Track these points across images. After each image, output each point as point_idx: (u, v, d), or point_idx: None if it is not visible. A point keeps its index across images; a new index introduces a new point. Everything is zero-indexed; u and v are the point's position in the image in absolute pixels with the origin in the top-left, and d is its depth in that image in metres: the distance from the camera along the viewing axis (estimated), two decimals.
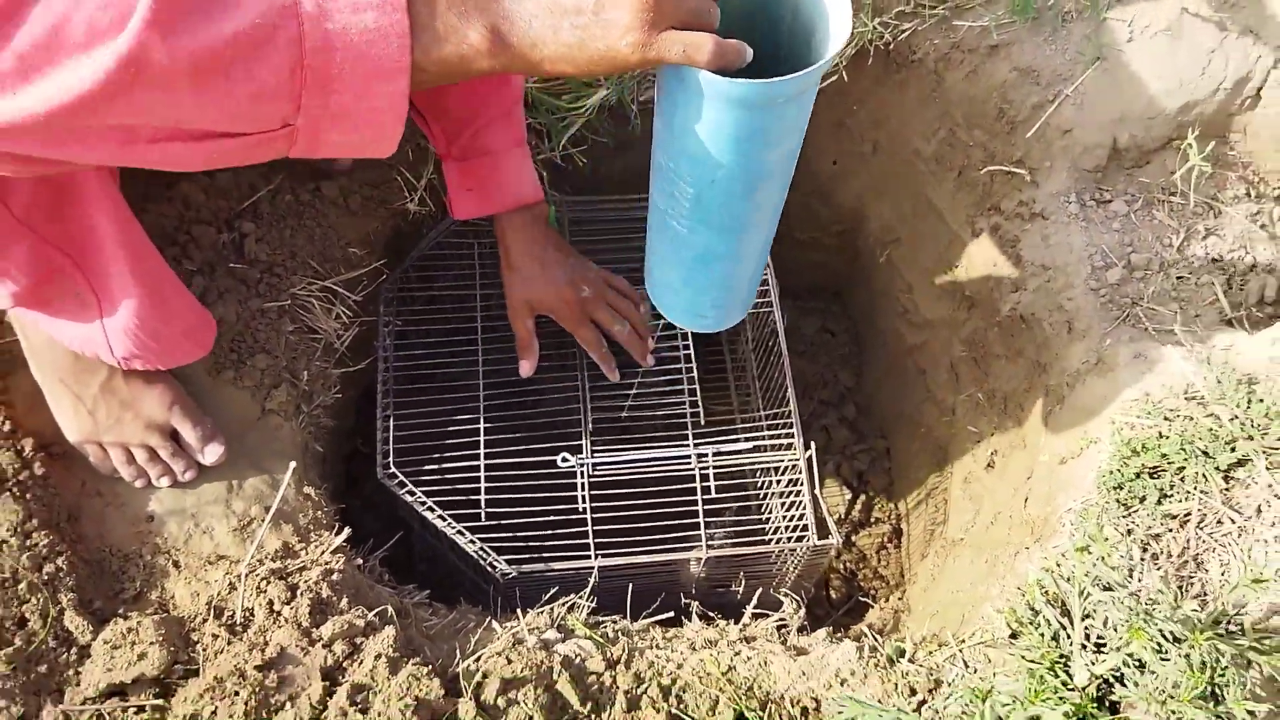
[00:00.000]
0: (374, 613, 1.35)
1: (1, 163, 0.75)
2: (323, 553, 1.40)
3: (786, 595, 1.49)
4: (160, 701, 1.27)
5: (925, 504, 1.90)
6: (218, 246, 1.55)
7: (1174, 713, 1.09)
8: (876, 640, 1.36)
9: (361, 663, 1.29)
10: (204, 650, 1.30)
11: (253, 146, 0.80)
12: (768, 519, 1.68)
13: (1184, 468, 1.30)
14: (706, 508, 1.60)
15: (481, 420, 1.63)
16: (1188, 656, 1.11)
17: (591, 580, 1.52)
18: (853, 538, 2.09)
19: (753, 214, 1.15)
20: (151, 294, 1.25)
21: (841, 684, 1.30)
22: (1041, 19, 1.67)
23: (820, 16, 0.97)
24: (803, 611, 1.47)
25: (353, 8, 0.76)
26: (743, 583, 1.68)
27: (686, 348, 1.71)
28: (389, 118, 0.82)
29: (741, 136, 0.98)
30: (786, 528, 1.58)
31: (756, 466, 1.68)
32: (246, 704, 1.23)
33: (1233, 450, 1.29)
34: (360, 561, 1.47)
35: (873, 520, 2.10)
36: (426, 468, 1.59)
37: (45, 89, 0.68)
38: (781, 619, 1.46)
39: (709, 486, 1.61)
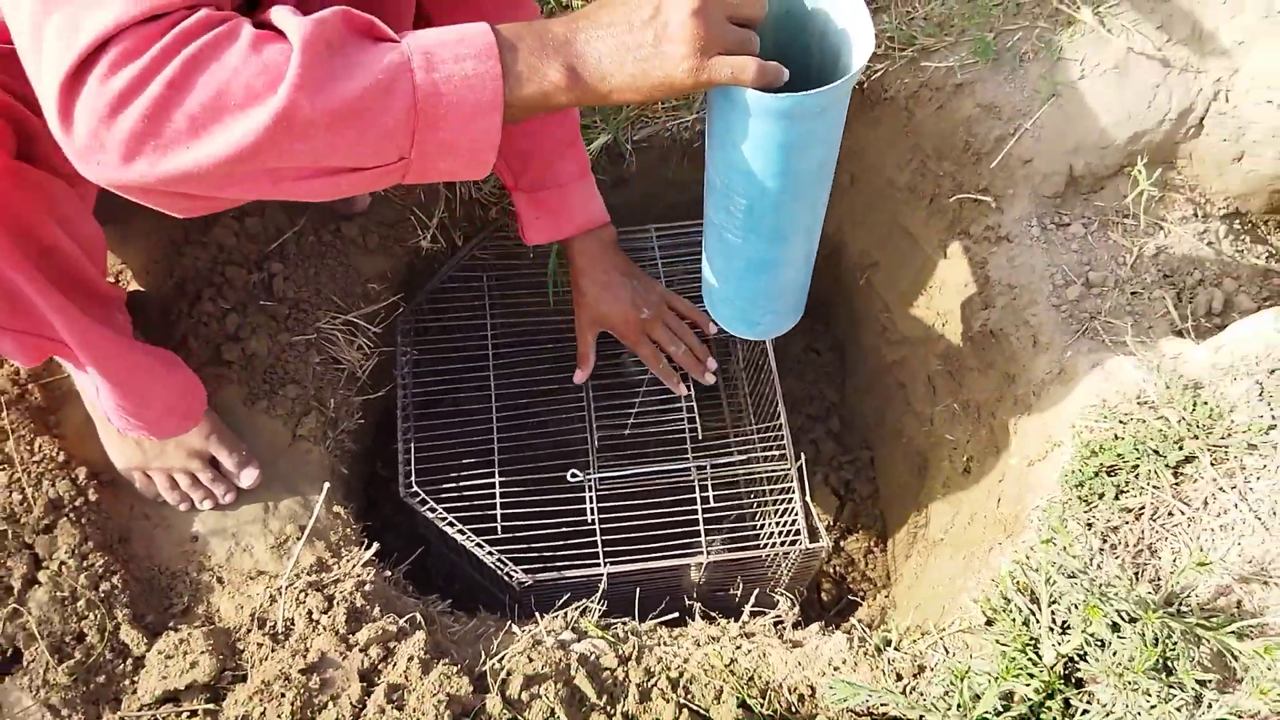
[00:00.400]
0: (405, 619, 1.47)
1: (172, 200, 0.88)
2: (354, 566, 1.52)
3: (782, 595, 1.61)
4: (211, 706, 1.38)
5: (908, 509, 2.02)
6: (249, 286, 1.67)
7: (1130, 684, 1.22)
8: (865, 632, 1.49)
9: (395, 664, 1.40)
10: (250, 657, 1.42)
11: (376, 178, 0.93)
12: (762, 526, 1.80)
13: (1138, 466, 1.43)
14: (705, 516, 1.72)
15: (495, 440, 1.76)
16: (1142, 634, 1.24)
17: (601, 586, 1.63)
18: (841, 543, 2.22)
19: (799, 220, 1.27)
20: (121, 386, 1.37)
21: (834, 671, 1.42)
22: (1001, 60, 1.81)
23: (844, 39, 1.11)
24: (797, 609, 1.59)
25: (455, 59, 0.90)
26: (740, 586, 1.80)
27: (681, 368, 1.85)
28: (485, 146, 0.94)
29: (787, 146, 1.11)
30: (780, 533, 1.70)
31: (751, 477, 1.81)
32: (292, 705, 1.35)
33: (1181, 449, 1.42)
34: (389, 574, 1.59)
35: (859, 526, 2.22)
36: (445, 486, 1.71)
37: (212, 144, 0.82)
38: (778, 616, 1.58)
39: (708, 497, 1.74)
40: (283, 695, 1.36)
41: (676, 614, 1.60)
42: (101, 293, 1.30)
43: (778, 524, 1.72)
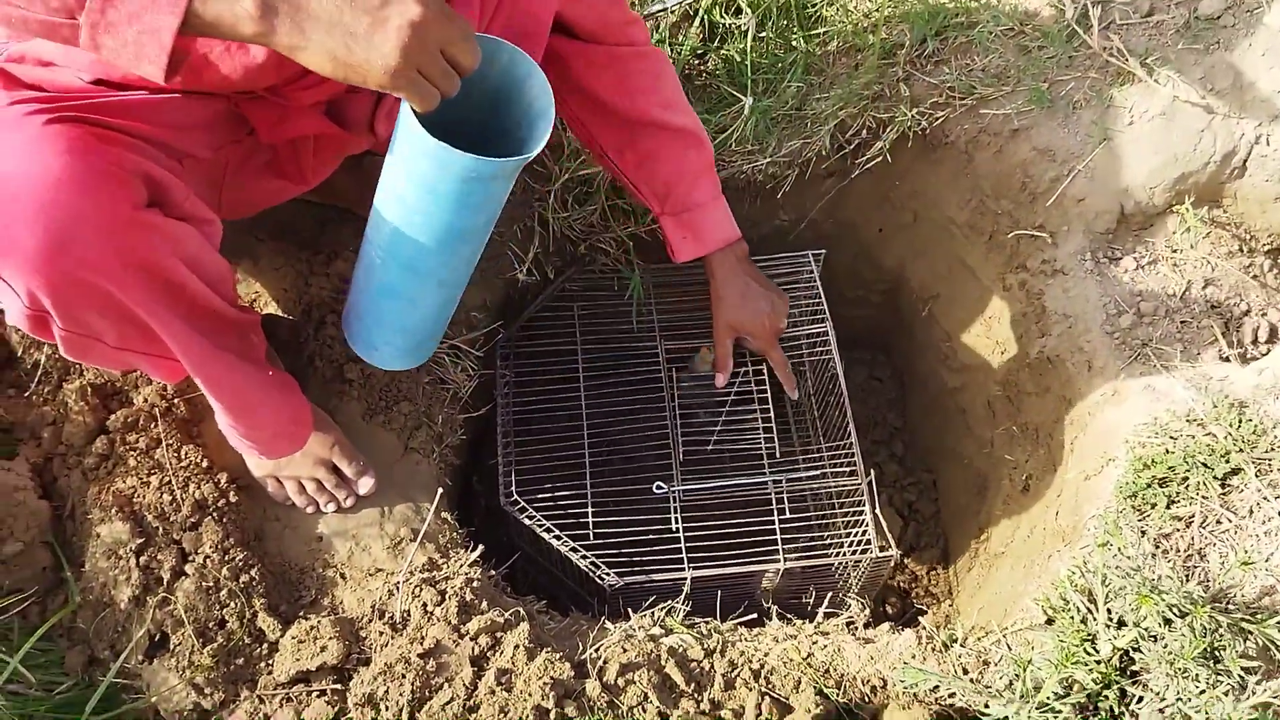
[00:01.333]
0: (510, 612, 1.61)
1: None
2: (462, 566, 1.67)
3: (853, 599, 1.74)
4: (338, 686, 1.54)
5: (969, 526, 2.14)
6: None
7: (1181, 671, 1.33)
8: (933, 630, 1.61)
9: (503, 651, 1.55)
10: (372, 644, 1.57)
11: (48, 29, 1.01)
12: (834, 537, 1.93)
13: (1187, 478, 1.54)
14: (781, 526, 1.85)
15: (587, 455, 1.91)
16: (1191, 626, 1.35)
17: (685, 589, 1.77)
18: (905, 560, 2.34)
19: (436, 266, 1.39)
20: (232, 410, 1.51)
21: (904, 665, 1.54)
22: (1055, 107, 1.96)
23: (540, 121, 1.23)
24: (867, 611, 1.71)
25: None
26: (813, 595, 1.93)
27: (763, 393, 1.99)
28: (153, 42, 0.99)
29: (444, 194, 1.23)
30: (851, 543, 1.83)
31: (823, 491, 1.94)
32: (412, 685, 1.49)
33: (1228, 462, 1.54)
34: (492, 574, 1.74)
35: (923, 545, 2.34)
36: (540, 496, 1.86)
37: None
38: (849, 618, 1.70)
39: (783, 509, 1.88)
40: (403, 676, 1.50)
41: (755, 614, 1.73)
42: (230, 319, 1.42)
43: (848, 534, 1.84)
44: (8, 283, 1.16)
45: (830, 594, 1.81)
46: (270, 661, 1.56)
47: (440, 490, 1.71)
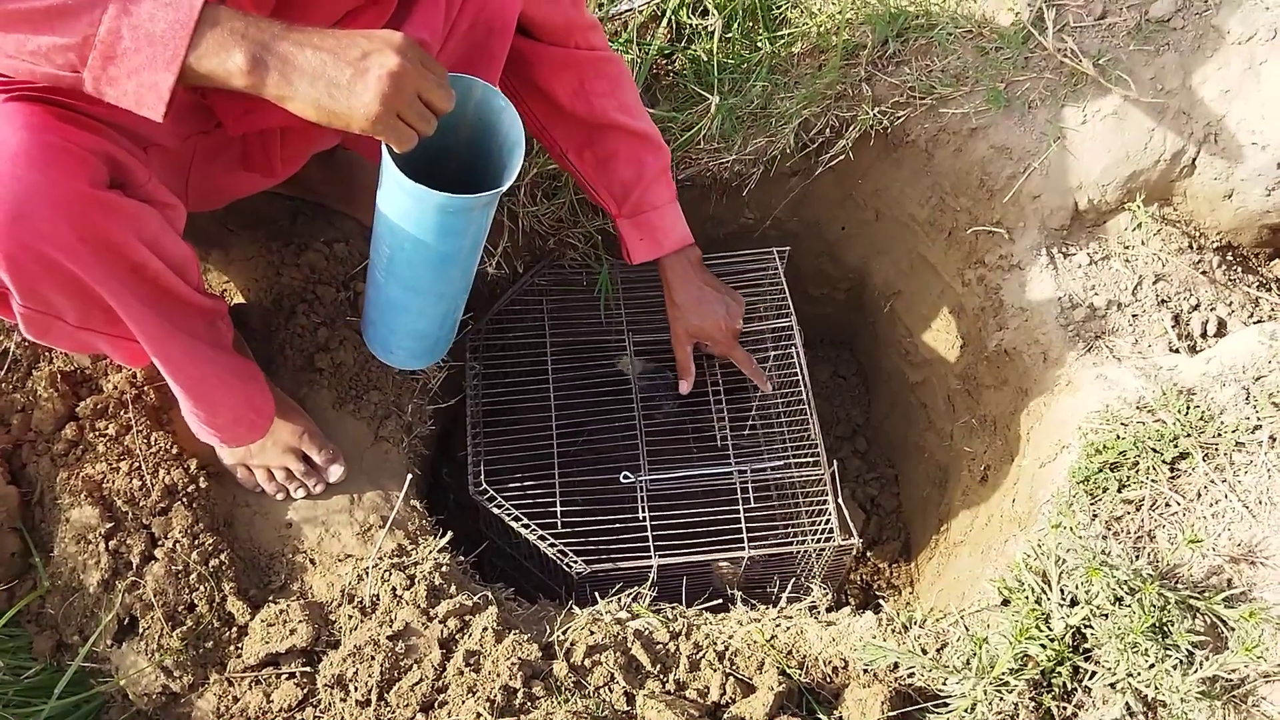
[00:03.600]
0: (478, 596, 1.63)
1: None
2: (431, 551, 1.69)
3: (816, 585, 1.78)
4: (308, 669, 1.55)
5: (930, 519, 2.19)
6: (337, 303, 1.86)
7: (1131, 645, 1.38)
8: (893, 614, 1.64)
9: (471, 634, 1.57)
10: (342, 627, 1.58)
11: (53, 78, 1.08)
12: (798, 526, 1.96)
13: (1138, 462, 1.59)
14: (746, 516, 1.89)
15: (555, 446, 1.93)
16: (1140, 603, 1.40)
17: (651, 577, 1.79)
18: (867, 553, 2.38)
19: (433, 283, 1.49)
20: (190, 392, 1.51)
21: (864, 646, 1.58)
22: (1012, 106, 2.01)
23: (513, 153, 1.32)
24: (830, 595, 1.75)
25: (150, 16, 1.04)
26: (776, 583, 1.96)
27: (728, 385, 2.03)
28: (152, 95, 1.07)
29: (426, 227, 1.33)
30: (815, 532, 1.87)
31: (787, 481, 1.98)
32: (381, 666, 1.51)
33: (1176, 447, 1.59)
34: (461, 559, 1.76)
35: (885, 538, 2.38)
36: (509, 486, 1.89)
37: None
38: (812, 603, 1.74)
39: (748, 498, 1.91)
40: (372, 658, 1.52)
41: (720, 600, 1.76)
42: (194, 304, 1.43)
43: (812, 523, 1.88)
44: None
45: (793, 581, 1.85)
46: (239, 645, 1.58)
47: (410, 477, 1.73)
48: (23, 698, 1.48)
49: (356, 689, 1.50)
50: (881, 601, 2.27)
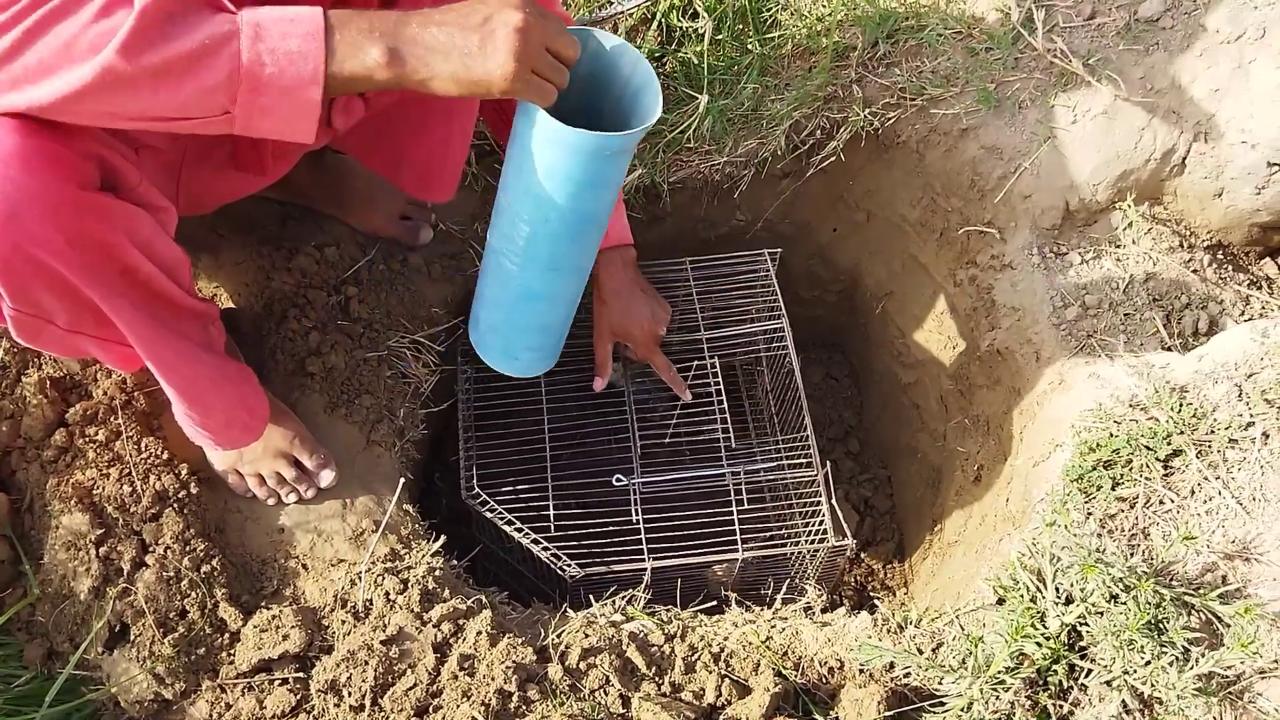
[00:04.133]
0: (472, 600, 1.63)
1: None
2: (424, 556, 1.68)
3: (810, 586, 1.77)
4: (301, 675, 1.54)
5: (924, 519, 2.19)
6: (328, 307, 1.86)
7: (1126, 642, 1.37)
8: (888, 614, 1.64)
9: (465, 638, 1.56)
10: (335, 632, 1.57)
11: (203, 125, 1.09)
12: (792, 528, 1.96)
13: (1131, 460, 1.59)
14: (740, 518, 1.88)
15: (548, 449, 1.93)
16: (1136, 600, 1.40)
17: (645, 580, 1.79)
18: (861, 555, 2.38)
19: (574, 256, 1.45)
20: (183, 394, 1.50)
21: (860, 646, 1.58)
22: (1002, 106, 2.01)
23: (644, 93, 1.29)
24: (825, 596, 1.74)
25: (282, 35, 1.06)
26: (771, 585, 1.96)
27: (718, 383, 2.03)
28: (304, 113, 1.10)
29: (579, 180, 1.29)
30: (809, 533, 1.86)
31: (781, 483, 1.98)
32: (375, 671, 1.50)
33: (1170, 445, 1.59)
34: (454, 563, 1.75)
35: (879, 540, 2.38)
36: (503, 490, 1.88)
37: (50, 86, 1.02)
38: (807, 604, 1.73)
39: (741, 500, 1.91)
40: (366, 663, 1.51)
41: (715, 602, 1.75)
42: (187, 307, 1.41)
43: (805, 525, 1.88)
44: None
45: (788, 583, 1.85)
46: (232, 651, 1.57)
47: (402, 481, 1.72)
48: (13, 706, 1.47)
49: (350, 694, 1.49)
50: (876, 602, 2.27)
